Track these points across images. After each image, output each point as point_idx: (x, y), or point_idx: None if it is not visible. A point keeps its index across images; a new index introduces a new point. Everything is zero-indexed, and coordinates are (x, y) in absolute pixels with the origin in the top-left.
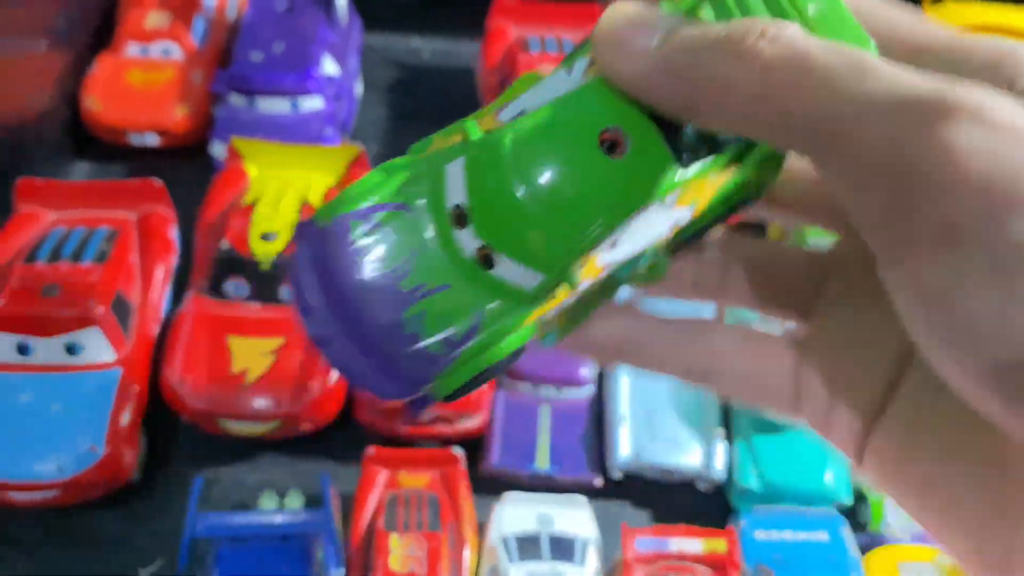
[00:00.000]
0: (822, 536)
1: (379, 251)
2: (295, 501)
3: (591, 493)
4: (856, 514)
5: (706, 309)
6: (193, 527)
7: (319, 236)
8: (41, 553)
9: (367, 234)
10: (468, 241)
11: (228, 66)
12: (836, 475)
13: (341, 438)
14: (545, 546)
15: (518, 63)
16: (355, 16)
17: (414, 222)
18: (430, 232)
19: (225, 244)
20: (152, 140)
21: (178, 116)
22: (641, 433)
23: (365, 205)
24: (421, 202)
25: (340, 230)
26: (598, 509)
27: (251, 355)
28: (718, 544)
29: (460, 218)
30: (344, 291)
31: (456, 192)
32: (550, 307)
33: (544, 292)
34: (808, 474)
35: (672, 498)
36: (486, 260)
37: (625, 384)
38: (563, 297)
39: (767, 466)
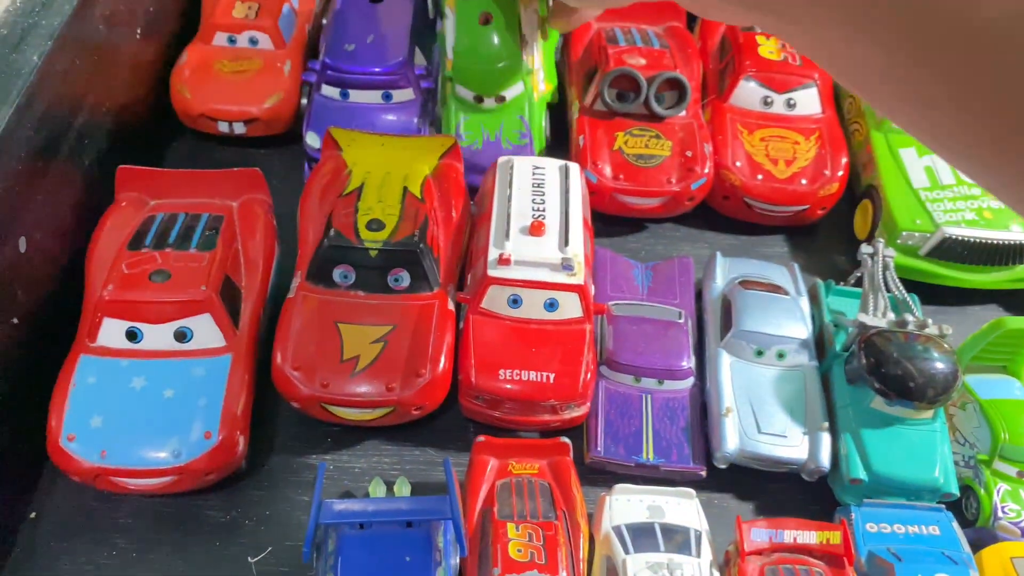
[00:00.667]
0: (934, 530)
1: None
2: (404, 488)
3: (697, 484)
4: (959, 509)
5: None
6: (318, 513)
7: None
8: (150, 540)
9: None
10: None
11: (319, 57)
12: (944, 468)
13: (444, 426)
14: (659, 537)
15: (607, 55)
16: (434, 4)
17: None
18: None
19: (333, 232)
20: (240, 129)
21: (266, 105)
22: (747, 425)
23: None
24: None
25: None
26: (702, 499)
27: (361, 342)
28: (832, 536)
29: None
30: None
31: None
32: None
33: None
34: (916, 467)
35: (776, 489)
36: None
37: (728, 376)
38: None
39: (875, 458)
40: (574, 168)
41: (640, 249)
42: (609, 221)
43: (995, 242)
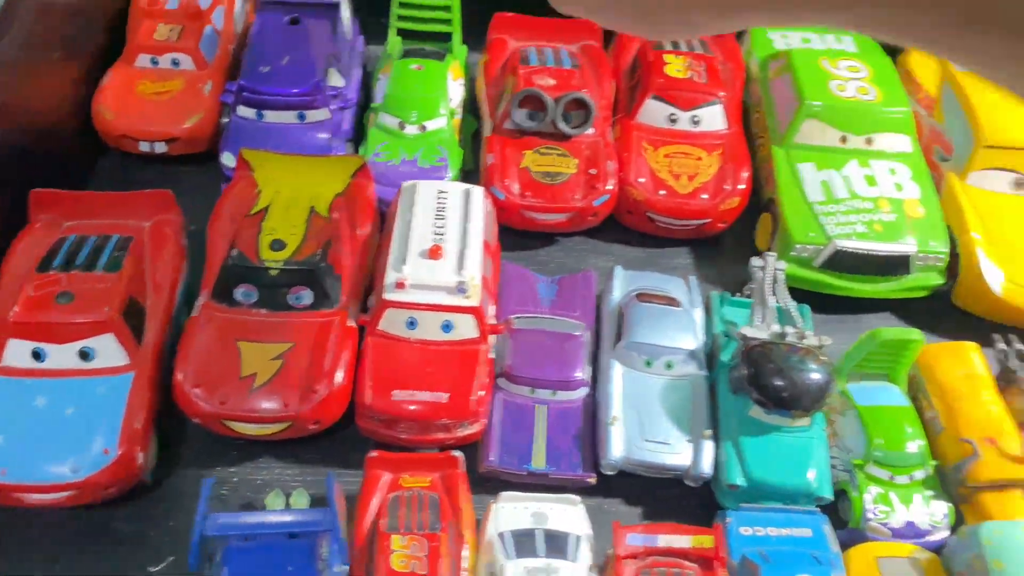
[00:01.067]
0: (805, 532)
1: None
2: (301, 500)
3: (588, 491)
4: (837, 511)
5: None
6: (203, 526)
7: None
8: (56, 552)
9: None
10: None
11: (236, 78)
12: (818, 473)
13: (346, 440)
14: (540, 542)
15: (518, 75)
16: (358, 29)
17: None
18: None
19: (235, 252)
20: (161, 148)
21: (186, 125)
22: (633, 433)
23: None
24: None
25: None
26: (592, 506)
27: (260, 359)
28: (704, 540)
29: None
30: None
31: None
32: None
33: None
34: (791, 473)
35: (662, 495)
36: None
37: (618, 386)
38: None
39: (752, 465)
40: (476, 192)
41: (549, 262)
42: (520, 235)
43: (885, 254)
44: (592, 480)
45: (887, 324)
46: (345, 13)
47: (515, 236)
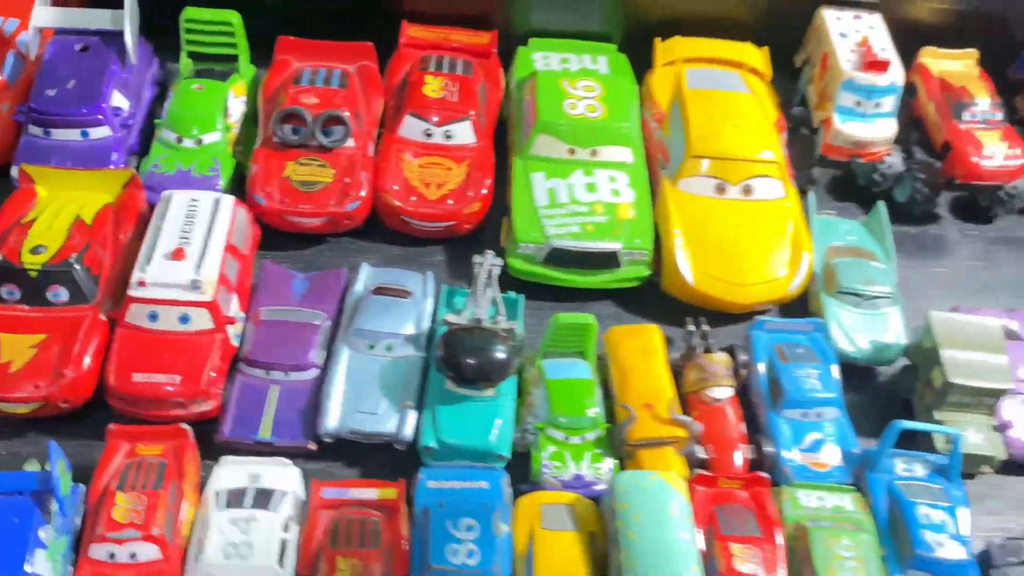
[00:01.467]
0: (483, 485)
1: None
2: (60, 467)
3: (315, 456)
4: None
5: None
6: None
7: None
8: None
9: None
10: None
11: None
12: (499, 435)
13: (104, 417)
14: (249, 497)
15: (286, 94)
16: (150, 55)
17: None
18: None
19: (0, 256)
20: None
21: None
22: (349, 405)
23: None
24: None
25: None
26: (319, 469)
27: (18, 348)
28: (389, 492)
29: None
30: None
31: None
32: None
33: None
34: (475, 435)
35: (381, 458)
36: None
37: (343, 366)
38: None
39: (443, 429)
40: (226, 200)
41: (317, 260)
42: (293, 237)
43: (594, 251)
44: (313, 446)
45: (610, 311)
46: (129, 40)
47: (288, 238)
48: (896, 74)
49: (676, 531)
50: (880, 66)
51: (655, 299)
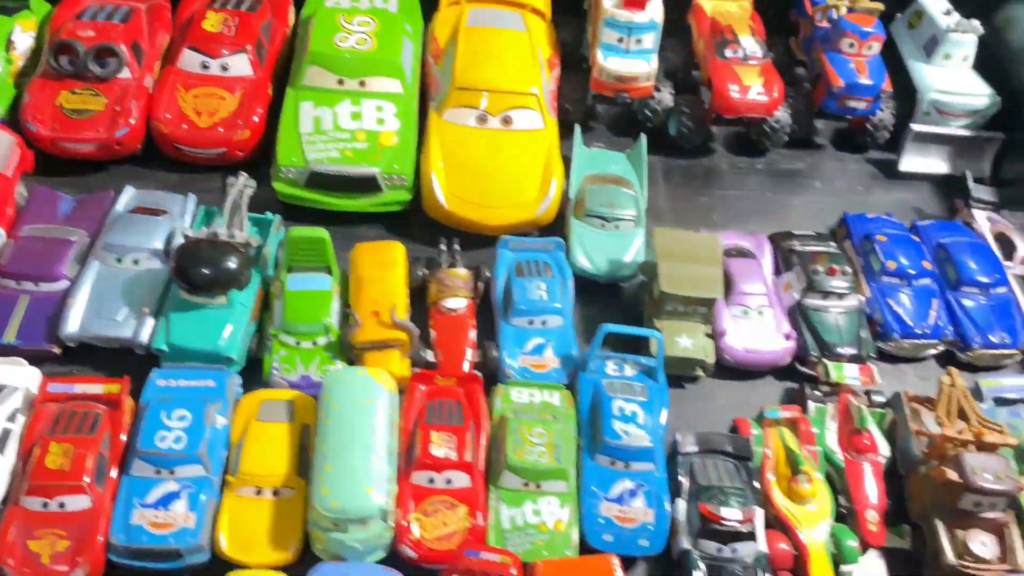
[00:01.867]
0: (209, 383)
1: None
2: None
3: (56, 359)
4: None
5: None
6: None
7: None
8: None
9: None
10: None
11: None
12: (229, 341)
13: None
14: None
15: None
16: None
17: None
18: None
19: None
20: None
21: None
22: (91, 312)
23: None
24: None
25: None
26: (65, 370)
27: None
28: (113, 388)
29: None
30: None
31: None
32: None
33: None
34: (204, 339)
35: (123, 361)
36: None
37: (91, 278)
38: None
39: (174, 334)
40: None
41: (96, 186)
42: (74, 164)
43: (353, 175)
44: (56, 350)
45: (378, 234)
46: None
47: (72, 165)
48: (655, 11)
49: (369, 418)
50: (638, 4)
51: (422, 223)
